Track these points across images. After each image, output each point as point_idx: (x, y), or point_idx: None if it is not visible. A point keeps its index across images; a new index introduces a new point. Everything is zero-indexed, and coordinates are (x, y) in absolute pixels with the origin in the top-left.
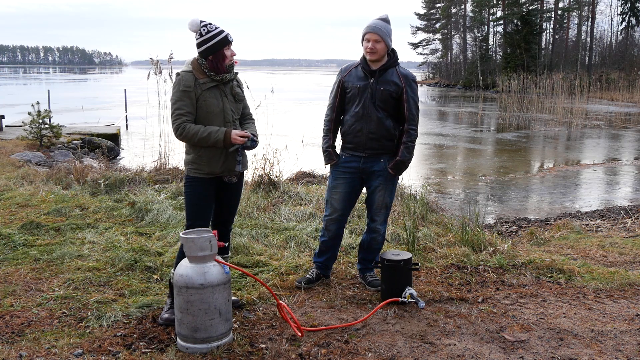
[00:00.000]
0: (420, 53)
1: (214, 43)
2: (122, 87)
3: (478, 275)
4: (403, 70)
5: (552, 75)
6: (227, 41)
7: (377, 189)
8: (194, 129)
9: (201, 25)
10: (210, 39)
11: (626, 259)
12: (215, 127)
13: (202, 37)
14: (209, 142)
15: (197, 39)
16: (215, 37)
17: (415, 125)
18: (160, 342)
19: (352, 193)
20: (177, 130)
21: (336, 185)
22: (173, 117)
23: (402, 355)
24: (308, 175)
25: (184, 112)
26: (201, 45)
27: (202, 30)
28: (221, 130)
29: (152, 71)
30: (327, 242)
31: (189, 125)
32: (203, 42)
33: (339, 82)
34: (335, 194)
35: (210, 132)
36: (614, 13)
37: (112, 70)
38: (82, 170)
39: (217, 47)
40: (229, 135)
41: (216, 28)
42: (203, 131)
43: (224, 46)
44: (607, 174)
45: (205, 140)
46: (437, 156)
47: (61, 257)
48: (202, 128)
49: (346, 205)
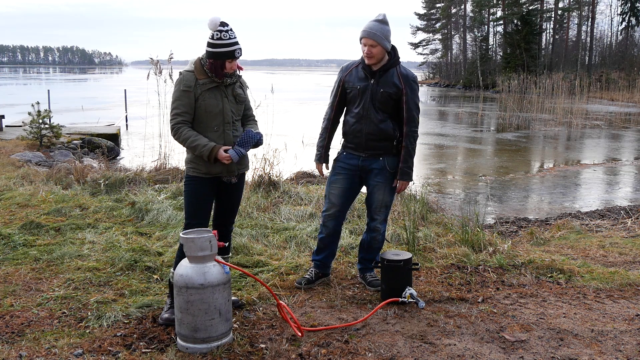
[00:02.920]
0: (420, 53)
1: (219, 52)
2: (122, 87)
3: (478, 275)
4: (404, 70)
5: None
6: (232, 56)
7: (376, 187)
8: (185, 134)
9: (218, 29)
10: (217, 47)
11: (626, 259)
12: (205, 140)
13: (213, 40)
14: (195, 153)
15: (209, 38)
16: (223, 48)
17: (415, 127)
18: (160, 342)
19: (350, 190)
20: (172, 130)
21: (335, 180)
22: (171, 115)
23: (402, 355)
24: (308, 175)
25: (180, 111)
26: (209, 46)
27: (216, 34)
28: (208, 145)
29: (152, 71)
30: (325, 239)
31: (184, 128)
32: (211, 45)
33: (339, 81)
34: (334, 188)
35: (197, 145)
36: (614, 13)
37: (112, 70)
38: (82, 170)
39: (220, 56)
40: (214, 152)
41: (230, 38)
42: (193, 140)
43: (228, 59)
44: (607, 174)
45: (192, 150)
46: (437, 156)
47: (61, 257)
48: (194, 137)
49: (344, 201)
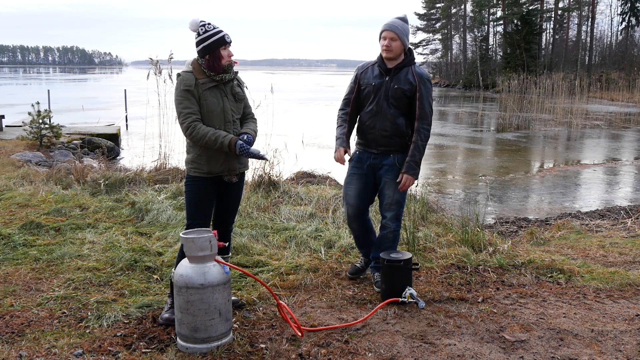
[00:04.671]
0: (421, 53)
1: (211, 42)
2: (122, 87)
3: (478, 275)
4: (419, 69)
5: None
6: (224, 41)
7: (387, 184)
8: (203, 130)
9: (200, 24)
10: (207, 39)
11: (626, 259)
12: (224, 132)
13: (200, 36)
14: (215, 146)
15: (196, 38)
16: (212, 37)
17: (427, 124)
18: (160, 342)
19: (365, 189)
20: (187, 129)
21: (350, 181)
22: (182, 117)
23: (402, 355)
24: (308, 175)
25: (190, 111)
26: (199, 44)
27: (200, 29)
28: (228, 137)
29: (152, 71)
30: (359, 239)
31: (199, 125)
32: (200, 41)
33: (355, 79)
34: (349, 189)
35: (219, 135)
36: (614, 13)
37: (112, 70)
38: (82, 170)
39: (213, 46)
40: (233, 143)
41: (214, 28)
42: (213, 133)
43: (221, 46)
44: (607, 174)
45: (212, 144)
46: (437, 156)
47: (61, 257)
48: (212, 131)
49: (360, 201)
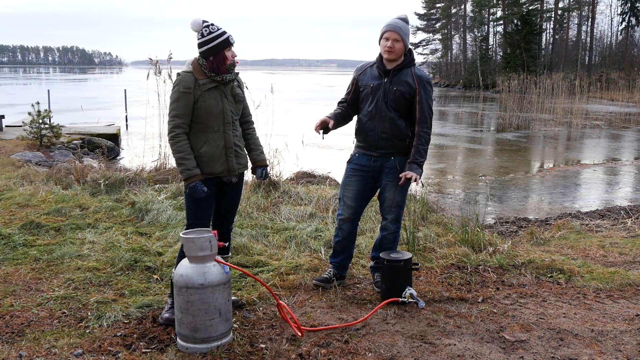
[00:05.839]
0: (421, 53)
1: (216, 44)
2: (122, 87)
3: (478, 275)
4: (418, 71)
5: (552, 75)
6: (228, 43)
7: (387, 186)
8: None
9: (203, 25)
10: (211, 40)
11: (626, 259)
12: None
13: (204, 37)
14: (178, 167)
15: (199, 39)
16: (217, 39)
17: (427, 127)
18: (160, 342)
19: (364, 191)
20: (170, 134)
21: (349, 182)
22: (169, 117)
23: (402, 355)
24: (308, 175)
25: (179, 113)
26: (202, 45)
27: (204, 30)
28: (191, 172)
29: (151, 71)
30: (342, 242)
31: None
32: (204, 42)
33: (353, 80)
34: (348, 191)
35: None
36: (614, 13)
37: (112, 70)
38: (82, 170)
39: (218, 48)
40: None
41: (218, 29)
42: (181, 157)
43: (225, 48)
44: (607, 174)
45: (177, 164)
46: (437, 156)
47: (61, 257)
48: (184, 153)
49: (358, 203)
